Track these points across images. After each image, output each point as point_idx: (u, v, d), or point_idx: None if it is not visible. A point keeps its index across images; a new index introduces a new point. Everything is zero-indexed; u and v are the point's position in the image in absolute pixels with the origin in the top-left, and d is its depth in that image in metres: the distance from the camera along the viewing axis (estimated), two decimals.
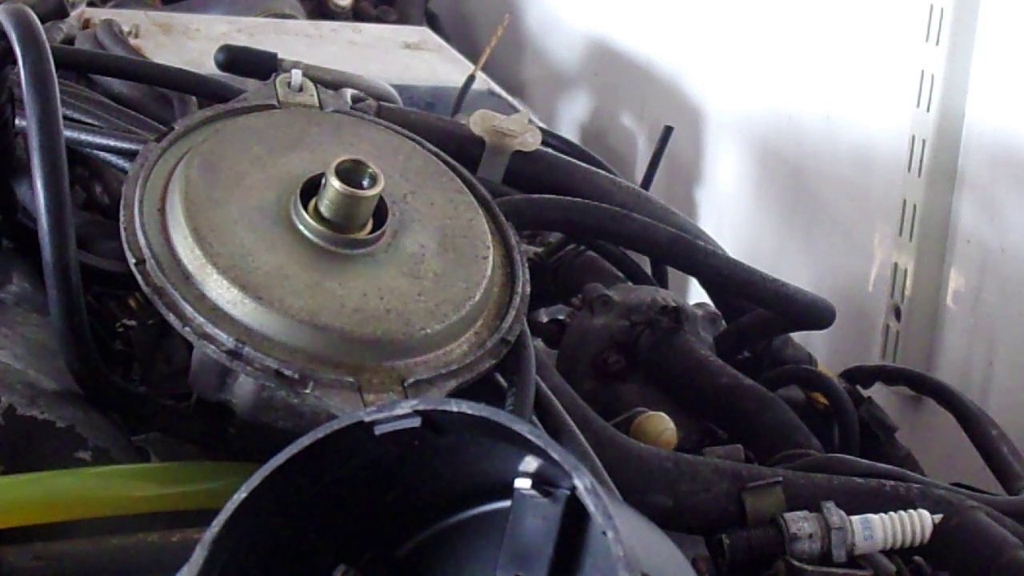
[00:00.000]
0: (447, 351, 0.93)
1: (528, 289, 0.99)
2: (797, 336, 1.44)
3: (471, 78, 1.92)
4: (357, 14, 2.70)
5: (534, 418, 0.96)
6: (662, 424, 1.14)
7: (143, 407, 0.96)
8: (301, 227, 0.93)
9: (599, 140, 2.56)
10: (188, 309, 0.88)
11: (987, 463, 1.31)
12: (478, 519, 0.74)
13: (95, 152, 1.10)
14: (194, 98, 1.37)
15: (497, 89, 2.07)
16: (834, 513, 1.01)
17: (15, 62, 0.97)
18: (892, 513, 1.03)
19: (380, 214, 0.95)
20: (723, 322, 1.40)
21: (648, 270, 1.53)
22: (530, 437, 0.65)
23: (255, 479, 0.70)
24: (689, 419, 1.28)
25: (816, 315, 1.32)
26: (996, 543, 1.01)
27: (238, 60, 1.37)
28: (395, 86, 1.52)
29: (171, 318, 0.88)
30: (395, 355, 0.90)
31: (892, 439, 1.37)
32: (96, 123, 1.13)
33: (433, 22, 2.84)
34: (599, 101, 2.65)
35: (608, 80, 2.61)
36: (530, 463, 0.68)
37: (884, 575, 1.02)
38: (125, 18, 1.89)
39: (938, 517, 1.03)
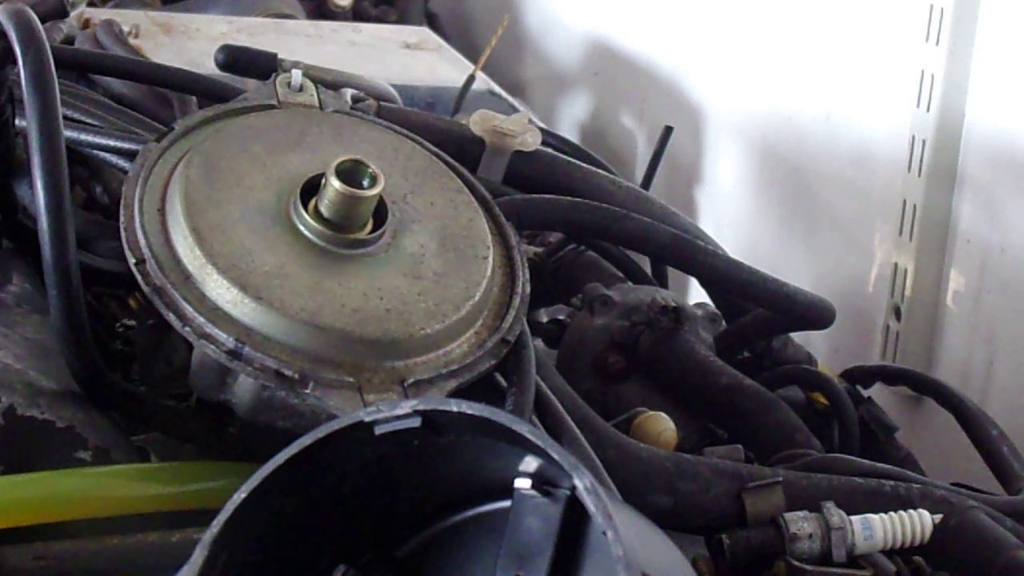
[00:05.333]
0: (447, 351, 0.93)
1: (528, 289, 0.99)
2: (797, 336, 1.44)
3: (471, 78, 1.92)
4: (357, 14, 2.70)
5: (534, 418, 0.96)
6: (662, 424, 1.14)
7: (143, 407, 0.96)
8: (301, 227, 0.93)
9: (599, 140, 2.55)
10: (188, 309, 0.88)
11: (987, 463, 1.31)
12: (478, 519, 0.75)
13: (95, 152, 1.10)
14: (194, 98, 1.37)
15: (497, 89, 2.07)
16: (834, 513, 1.01)
17: (15, 62, 0.97)
18: (892, 513, 1.03)
19: (380, 214, 0.95)
20: (723, 322, 1.40)
21: (648, 270, 1.53)
22: (530, 437, 0.65)
23: (255, 479, 0.70)
24: (689, 419, 1.28)
25: (816, 315, 1.32)
26: (996, 543, 1.01)
27: (238, 60, 1.37)
28: (395, 86, 1.52)
29: (171, 318, 0.88)
30: (395, 355, 0.91)
31: (892, 439, 1.37)
32: (96, 123, 1.13)
33: (433, 22, 2.84)
34: (599, 101, 2.65)
35: (608, 80, 2.61)
36: (530, 463, 0.68)
37: (884, 575, 1.02)
38: (125, 18, 1.89)
39: (938, 517, 1.03)
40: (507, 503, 0.70)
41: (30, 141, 0.93)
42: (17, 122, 1.08)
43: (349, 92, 1.28)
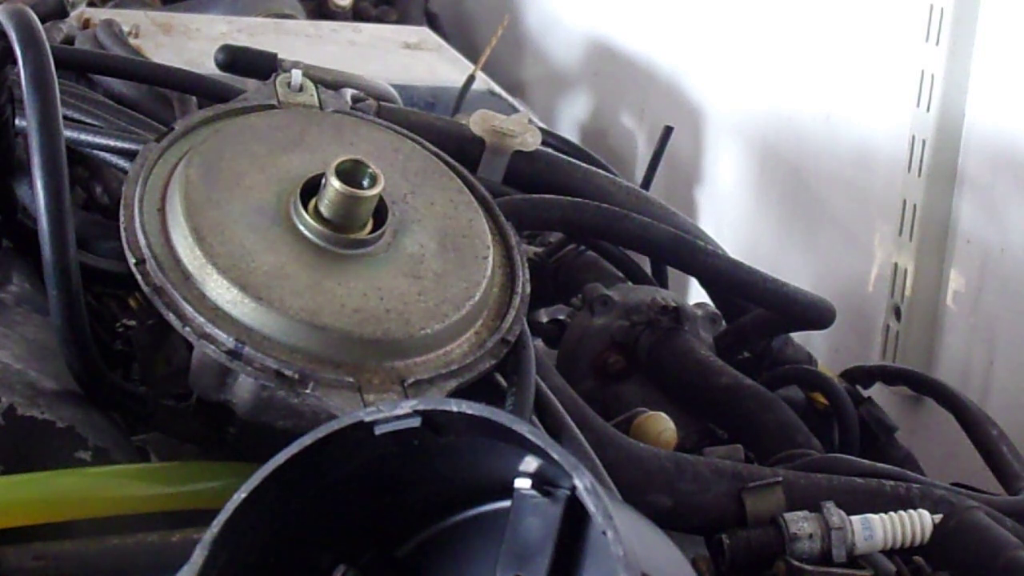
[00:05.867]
0: (447, 351, 0.93)
1: (528, 289, 0.99)
2: (797, 336, 1.44)
3: (471, 78, 1.92)
4: (357, 14, 2.70)
5: (534, 418, 0.96)
6: (662, 424, 1.14)
7: (143, 407, 0.96)
8: (301, 227, 0.93)
9: (599, 140, 2.55)
10: (188, 309, 0.88)
11: (987, 463, 1.31)
12: (478, 519, 0.75)
13: (95, 152, 1.10)
14: (194, 98, 1.37)
15: (497, 89, 2.07)
16: (834, 513, 1.01)
17: (15, 62, 0.97)
18: (892, 513, 1.03)
19: (380, 214, 0.95)
20: (723, 322, 1.40)
21: (648, 270, 1.53)
22: (530, 437, 0.65)
23: (255, 479, 0.70)
24: (689, 419, 1.28)
25: (816, 315, 1.32)
26: (996, 543, 1.01)
27: (238, 60, 1.37)
28: (395, 86, 1.52)
29: (171, 318, 0.88)
30: (395, 355, 0.90)
31: (892, 439, 1.37)
32: (96, 123, 1.13)
33: (433, 22, 2.84)
34: (599, 101, 2.65)
35: (608, 80, 2.61)
36: (530, 463, 0.68)
37: (884, 575, 1.02)
38: (125, 18, 1.88)
39: (938, 517, 1.03)
40: (507, 503, 0.70)
41: (30, 141, 0.93)
42: (17, 122, 1.08)
43: (349, 92, 1.28)
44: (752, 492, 1.05)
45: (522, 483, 0.68)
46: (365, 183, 0.92)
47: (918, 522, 1.02)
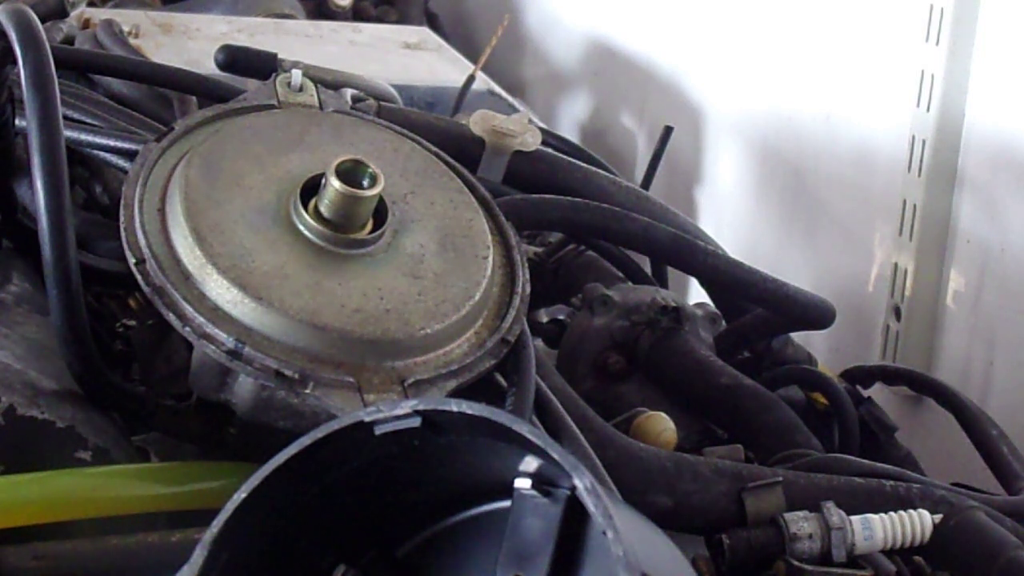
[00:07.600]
0: (447, 351, 0.93)
1: (528, 289, 0.99)
2: (797, 336, 1.44)
3: (471, 78, 1.91)
4: (357, 14, 2.70)
5: (534, 418, 0.96)
6: (662, 424, 1.14)
7: (143, 407, 0.96)
8: (301, 227, 0.93)
9: (599, 140, 2.55)
10: (188, 309, 0.88)
11: (987, 463, 1.31)
12: (478, 519, 0.75)
13: (95, 152, 1.10)
14: (194, 98, 1.37)
15: (497, 89, 2.06)
16: (834, 513, 1.01)
17: (15, 62, 0.97)
18: (892, 513, 1.03)
19: (380, 214, 0.95)
20: (723, 322, 1.40)
21: (648, 270, 1.53)
22: (530, 437, 0.65)
23: (255, 479, 0.70)
24: (689, 419, 1.28)
25: (816, 315, 1.32)
26: (996, 543, 1.01)
27: (238, 60, 1.37)
28: (395, 86, 1.52)
29: (171, 318, 0.88)
30: (395, 355, 0.91)
31: (892, 439, 1.37)
32: (96, 123, 1.13)
33: (433, 22, 2.84)
34: (599, 101, 2.65)
35: (608, 80, 2.61)
36: (530, 463, 0.68)
37: (884, 575, 1.02)
38: (125, 18, 1.88)
39: (938, 517, 1.03)
40: (507, 503, 0.70)
41: (30, 141, 0.93)
42: (17, 122, 1.08)
43: (349, 92, 1.28)
44: (752, 492, 1.05)
45: (522, 483, 0.68)
46: (365, 183, 0.92)
47: (918, 522, 1.02)
